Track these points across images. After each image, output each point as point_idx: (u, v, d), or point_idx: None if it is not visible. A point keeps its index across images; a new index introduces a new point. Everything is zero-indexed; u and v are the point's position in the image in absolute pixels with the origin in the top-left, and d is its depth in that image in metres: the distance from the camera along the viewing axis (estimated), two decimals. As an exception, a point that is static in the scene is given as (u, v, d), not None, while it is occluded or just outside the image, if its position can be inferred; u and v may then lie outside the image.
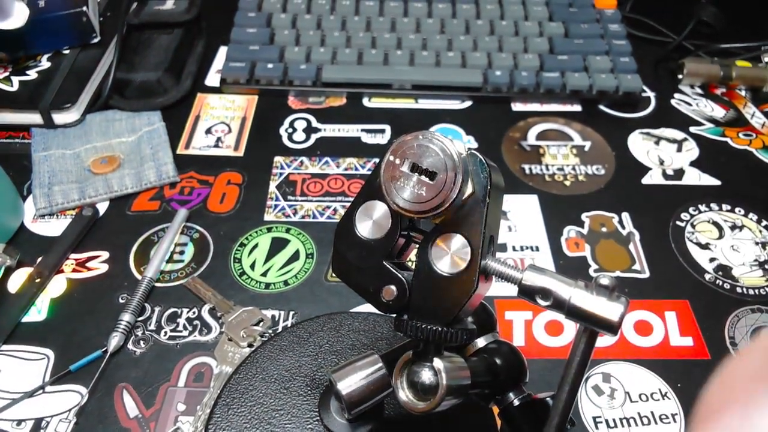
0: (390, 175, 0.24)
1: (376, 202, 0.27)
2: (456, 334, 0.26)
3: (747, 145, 0.63)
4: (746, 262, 0.52)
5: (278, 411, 0.36)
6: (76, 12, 0.61)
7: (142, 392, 0.42)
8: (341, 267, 0.28)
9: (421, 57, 0.66)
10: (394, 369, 0.27)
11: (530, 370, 0.33)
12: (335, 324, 0.41)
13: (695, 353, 0.46)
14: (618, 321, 0.22)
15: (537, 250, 0.52)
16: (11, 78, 0.60)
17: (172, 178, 0.56)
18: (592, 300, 0.23)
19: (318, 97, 0.66)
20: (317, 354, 0.39)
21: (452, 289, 0.25)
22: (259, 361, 0.39)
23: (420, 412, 0.26)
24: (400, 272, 0.27)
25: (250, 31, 0.68)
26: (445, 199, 0.23)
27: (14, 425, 0.40)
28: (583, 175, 0.59)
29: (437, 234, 0.26)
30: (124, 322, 0.45)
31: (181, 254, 0.51)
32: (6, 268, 0.48)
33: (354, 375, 0.30)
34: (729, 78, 0.67)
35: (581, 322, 0.23)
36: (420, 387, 0.26)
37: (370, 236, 0.27)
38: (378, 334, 0.40)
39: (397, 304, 0.26)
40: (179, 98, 0.64)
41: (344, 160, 0.59)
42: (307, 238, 0.52)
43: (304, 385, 0.37)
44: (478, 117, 0.64)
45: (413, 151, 0.24)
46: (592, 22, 0.71)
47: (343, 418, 0.31)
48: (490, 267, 0.25)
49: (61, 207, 0.53)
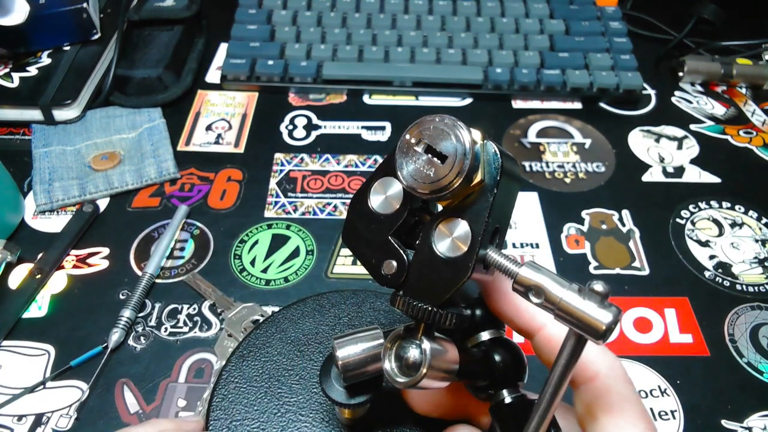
0: (403, 152, 0.25)
1: (392, 179, 0.28)
2: (445, 316, 0.26)
3: (747, 142, 0.63)
4: (746, 260, 0.52)
5: (288, 371, 0.38)
6: (76, 8, 0.61)
7: (143, 388, 0.42)
8: (350, 234, 0.29)
9: (421, 54, 0.66)
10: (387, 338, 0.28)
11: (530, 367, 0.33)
12: (358, 300, 0.42)
13: (695, 350, 0.46)
14: (605, 328, 0.22)
15: (537, 247, 0.52)
16: (12, 74, 0.60)
17: (173, 174, 0.56)
18: (583, 304, 0.23)
19: (318, 94, 0.66)
20: (335, 324, 0.41)
21: (448, 271, 0.26)
22: (280, 321, 0.41)
23: (400, 386, 0.27)
24: (403, 250, 0.27)
25: (250, 27, 0.68)
26: (450, 183, 0.24)
27: (15, 420, 0.41)
28: (584, 173, 0.59)
29: (443, 217, 0.26)
30: (124, 318, 0.45)
31: (182, 251, 0.51)
32: (6, 264, 0.48)
33: (354, 345, 0.30)
34: (729, 76, 0.67)
35: (569, 324, 0.23)
36: (404, 362, 0.27)
37: (381, 210, 0.28)
38: (397, 315, 0.41)
39: (395, 279, 0.27)
40: (180, 95, 0.64)
41: (344, 157, 0.59)
42: (307, 235, 0.52)
43: (317, 352, 0.39)
44: (478, 114, 0.64)
45: (429, 133, 0.25)
46: (593, 19, 0.71)
47: (341, 386, 0.31)
48: (490, 257, 0.26)
49: (61, 203, 0.53)
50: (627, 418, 0.26)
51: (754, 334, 0.47)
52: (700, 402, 0.43)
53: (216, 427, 0.36)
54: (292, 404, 0.37)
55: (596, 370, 0.28)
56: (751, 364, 0.45)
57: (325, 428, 0.36)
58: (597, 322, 0.22)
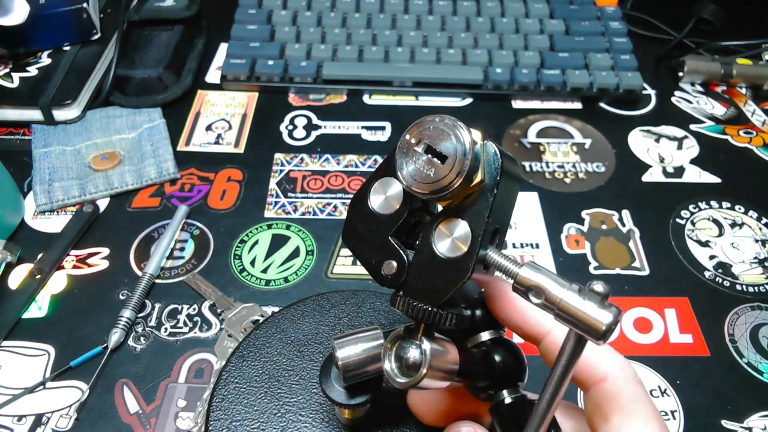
0: (403, 152, 0.25)
1: (392, 179, 0.28)
2: (445, 316, 0.26)
3: (747, 142, 0.63)
4: (746, 260, 0.52)
5: (288, 371, 0.38)
6: (76, 8, 0.61)
7: (143, 388, 0.42)
8: (350, 234, 0.29)
9: (421, 54, 0.66)
10: (387, 339, 0.28)
11: (530, 367, 0.33)
12: (358, 300, 0.42)
13: (695, 350, 0.46)
14: (605, 328, 0.22)
15: (537, 248, 0.52)
16: (12, 74, 0.60)
17: (173, 174, 0.56)
18: (583, 304, 0.23)
19: (318, 94, 0.66)
20: (335, 325, 0.41)
21: (448, 272, 0.26)
22: (280, 321, 0.41)
23: (399, 387, 0.27)
24: (403, 250, 0.27)
25: (250, 27, 0.68)
26: (450, 183, 0.24)
27: (15, 421, 0.41)
28: (584, 173, 0.59)
29: (443, 217, 0.26)
30: (124, 318, 0.45)
31: (182, 251, 0.51)
32: (6, 265, 0.48)
33: (354, 345, 0.30)
34: (729, 76, 0.67)
35: (569, 325, 0.23)
36: (404, 362, 0.27)
37: (381, 211, 0.28)
38: (397, 315, 0.41)
39: (395, 279, 0.27)
40: (180, 95, 0.63)
41: (344, 157, 0.59)
42: (307, 235, 0.52)
43: (317, 352, 0.39)
44: (478, 114, 0.64)
45: (429, 133, 0.25)
46: (593, 19, 0.71)
47: (340, 386, 0.31)
48: (490, 258, 0.26)
49: (61, 203, 0.53)
50: (639, 418, 0.27)
51: (754, 334, 0.47)
52: (700, 402, 0.43)
53: (216, 427, 0.36)
54: (292, 404, 0.37)
55: (606, 371, 0.28)
56: (751, 364, 0.45)
57: (325, 428, 0.36)
58: (597, 323, 0.22)
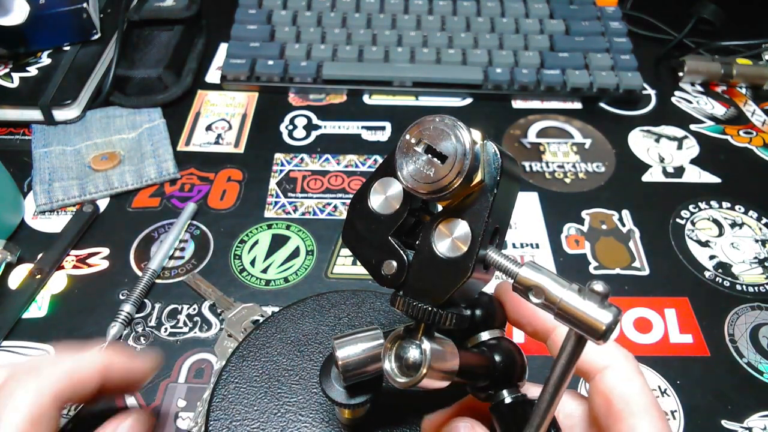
0: (403, 152, 0.25)
1: (392, 179, 0.28)
2: (445, 316, 0.26)
3: (747, 142, 0.63)
4: (746, 260, 0.52)
5: (288, 371, 0.38)
6: (76, 8, 0.61)
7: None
8: (350, 234, 0.29)
9: (421, 54, 0.66)
10: (387, 339, 0.28)
11: (530, 367, 0.33)
12: (358, 300, 0.42)
13: (695, 350, 0.46)
14: (605, 328, 0.22)
15: (537, 248, 0.52)
16: (11, 74, 0.60)
17: (173, 174, 0.56)
18: (583, 304, 0.23)
19: (318, 94, 0.66)
20: (335, 325, 0.41)
21: (448, 272, 0.26)
22: (280, 321, 0.41)
23: (399, 387, 0.27)
24: (403, 250, 0.27)
25: (250, 27, 0.68)
26: (450, 183, 0.24)
27: (15, 421, 0.41)
28: (584, 173, 0.59)
29: (443, 217, 0.26)
30: (124, 312, 0.45)
31: (182, 251, 0.51)
32: (6, 265, 0.48)
33: (354, 345, 0.30)
34: (729, 76, 0.67)
35: (569, 324, 0.23)
36: (404, 362, 0.27)
37: (381, 211, 0.28)
38: (397, 315, 0.41)
39: (395, 279, 0.27)
40: (180, 95, 0.63)
41: (344, 157, 0.59)
42: (307, 235, 0.52)
43: (317, 352, 0.39)
44: (478, 114, 0.64)
45: (429, 133, 0.25)
46: (593, 19, 0.71)
47: (340, 386, 0.31)
48: (490, 258, 0.26)
49: (61, 203, 0.53)
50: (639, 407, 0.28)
51: (754, 335, 0.47)
52: (700, 402, 0.43)
53: (216, 427, 0.36)
54: (292, 404, 0.37)
55: (607, 361, 0.29)
56: (751, 364, 0.45)
57: (325, 428, 0.36)
58: (597, 323, 0.22)
